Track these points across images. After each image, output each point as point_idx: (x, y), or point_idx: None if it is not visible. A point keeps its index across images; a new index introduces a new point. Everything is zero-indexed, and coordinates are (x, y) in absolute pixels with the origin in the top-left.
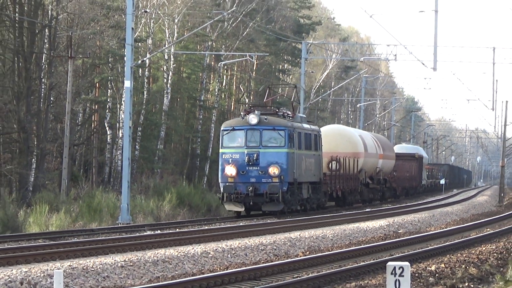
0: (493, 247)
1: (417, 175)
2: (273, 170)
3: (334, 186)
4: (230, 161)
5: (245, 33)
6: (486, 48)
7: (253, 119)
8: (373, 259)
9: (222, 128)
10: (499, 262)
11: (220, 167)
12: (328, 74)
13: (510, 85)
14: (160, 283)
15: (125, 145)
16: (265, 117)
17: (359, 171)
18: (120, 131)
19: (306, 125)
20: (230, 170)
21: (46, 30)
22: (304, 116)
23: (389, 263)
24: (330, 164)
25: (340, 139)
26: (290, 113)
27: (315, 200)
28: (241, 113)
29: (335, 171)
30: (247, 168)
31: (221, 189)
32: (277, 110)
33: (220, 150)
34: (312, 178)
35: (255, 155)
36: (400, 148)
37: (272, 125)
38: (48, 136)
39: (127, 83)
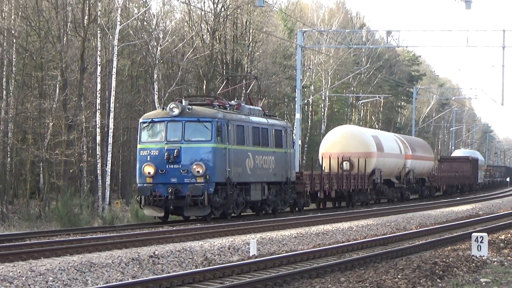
0: None
1: (471, 174)
2: (197, 169)
3: (320, 186)
4: (148, 159)
5: (375, 81)
6: None
7: (174, 109)
8: (462, 231)
9: (140, 121)
10: None
11: (137, 166)
12: (431, 108)
13: None
14: (320, 248)
15: (296, 156)
16: (189, 107)
17: (372, 171)
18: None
19: (258, 119)
20: (148, 169)
21: (244, 80)
22: (259, 108)
23: (473, 234)
24: (342, 164)
25: (351, 139)
26: (234, 104)
27: (278, 202)
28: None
29: (347, 171)
30: (167, 166)
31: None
32: (212, 100)
33: (138, 146)
34: (271, 178)
35: (175, 151)
36: (458, 152)
37: (197, 116)
38: None
39: (298, 116)
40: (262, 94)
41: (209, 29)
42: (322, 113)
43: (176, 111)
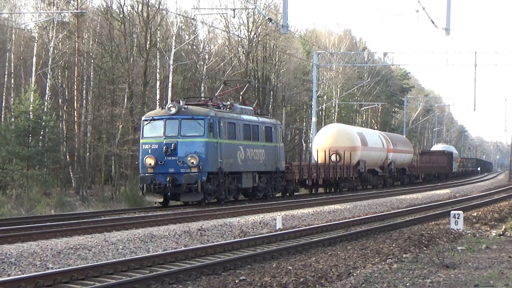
0: (506, 203)
1: (446, 165)
2: (191, 160)
3: (309, 174)
4: (149, 152)
5: (375, 92)
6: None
7: (171, 108)
8: (443, 210)
9: (142, 119)
10: (511, 211)
11: (140, 158)
12: (418, 113)
13: None
14: (331, 223)
15: (313, 151)
16: (185, 106)
17: (357, 162)
18: (310, 145)
19: (249, 117)
20: (149, 161)
21: (271, 91)
22: (250, 108)
23: (451, 211)
24: (332, 156)
25: (339, 135)
26: (227, 104)
27: (269, 189)
28: None
29: (334, 162)
30: (165, 158)
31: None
32: (207, 101)
33: (141, 141)
34: (261, 168)
35: (172, 145)
36: (436, 147)
37: (191, 114)
38: None
39: (313, 119)
40: (286, 102)
41: (244, 52)
42: (333, 117)
43: (173, 110)
